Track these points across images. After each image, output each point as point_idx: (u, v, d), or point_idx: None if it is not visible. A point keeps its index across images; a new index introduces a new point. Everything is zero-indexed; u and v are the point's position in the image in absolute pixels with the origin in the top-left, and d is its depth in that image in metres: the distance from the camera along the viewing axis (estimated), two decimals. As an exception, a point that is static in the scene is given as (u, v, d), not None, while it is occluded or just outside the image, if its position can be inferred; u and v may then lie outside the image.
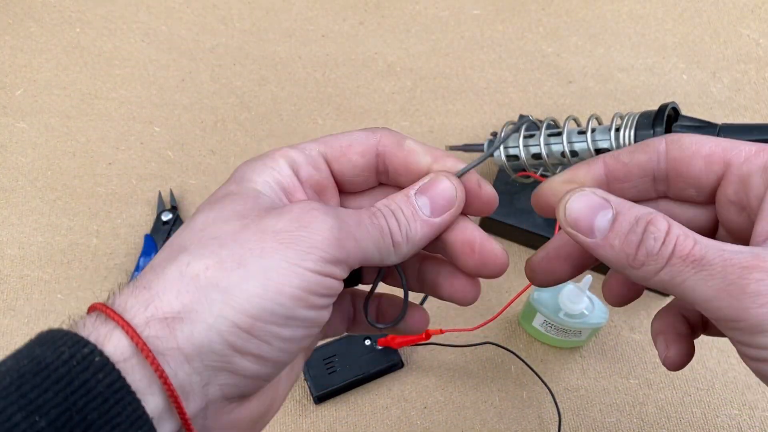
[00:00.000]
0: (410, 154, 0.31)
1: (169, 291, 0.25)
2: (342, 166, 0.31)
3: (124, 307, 0.25)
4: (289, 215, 0.27)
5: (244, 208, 0.28)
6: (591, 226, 0.28)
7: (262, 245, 0.26)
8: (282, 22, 0.73)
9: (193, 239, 0.27)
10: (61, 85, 0.68)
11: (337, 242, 0.27)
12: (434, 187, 0.30)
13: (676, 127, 0.48)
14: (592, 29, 0.73)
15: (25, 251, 0.59)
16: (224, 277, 0.25)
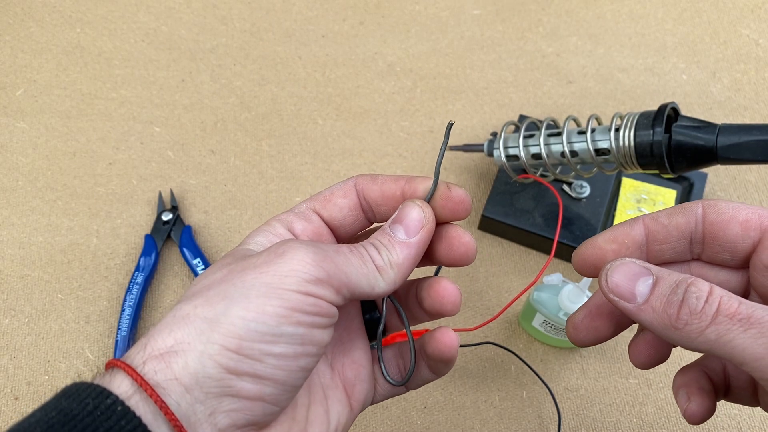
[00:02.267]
0: (383, 183, 0.33)
1: (162, 331, 0.27)
2: (330, 211, 0.34)
3: (131, 360, 0.27)
4: (267, 251, 0.29)
5: (231, 260, 0.30)
6: (632, 292, 0.30)
7: (243, 279, 0.28)
8: (282, 23, 0.73)
9: (190, 293, 0.29)
10: (61, 85, 0.68)
11: (315, 263, 0.28)
12: (405, 215, 0.32)
13: (675, 127, 0.48)
14: (592, 29, 0.73)
15: (26, 251, 0.59)
16: (210, 310, 0.27)
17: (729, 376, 0.35)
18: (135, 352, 0.27)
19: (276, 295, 0.27)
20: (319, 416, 0.32)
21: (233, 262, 0.29)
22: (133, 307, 0.55)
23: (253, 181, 0.63)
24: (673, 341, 0.29)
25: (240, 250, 0.31)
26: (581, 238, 0.57)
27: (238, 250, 0.31)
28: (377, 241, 0.31)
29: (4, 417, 0.52)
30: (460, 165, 0.64)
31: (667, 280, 0.29)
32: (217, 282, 0.28)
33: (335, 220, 0.34)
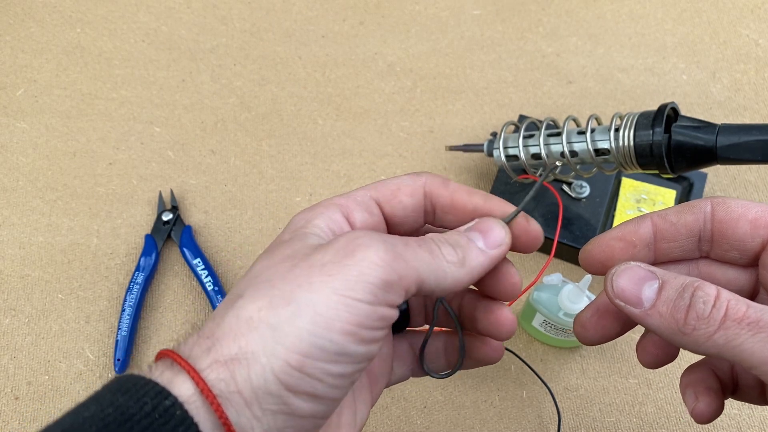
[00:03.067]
0: (455, 192, 0.32)
1: (227, 335, 0.26)
2: (393, 208, 0.32)
3: (189, 354, 0.26)
4: (334, 247, 0.27)
5: (293, 250, 0.28)
6: (638, 296, 0.29)
7: (309, 279, 0.26)
8: (282, 23, 0.73)
9: (248, 285, 0.27)
10: (61, 86, 0.68)
11: (387, 265, 0.26)
12: (487, 229, 0.31)
13: (675, 127, 0.48)
14: (592, 29, 0.73)
15: (26, 251, 0.59)
16: (274, 315, 0.25)
17: (737, 374, 0.35)
18: (198, 352, 0.26)
19: (345, 307, 0.26)
20: (349, 419, 0.32)
21: (295, 254, 0.28)
22: (133, 307, 0.55)
23: (254, 181, 0.63)
24: (680, 345, 0.28)
25: (299, 234, 0.29)
26: (581, 238, 0.57)
27: (297, 234, 0.29)
28: (453, 239, 0.30)
29: (4, 417, 0.52)
30: (460, 165, 0.65)
31: (673, 284, 0.29)
32: (280, 277, 0.27)
33: (395, 218, 0.32)
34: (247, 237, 0.60)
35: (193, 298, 0.57)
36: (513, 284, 0.32)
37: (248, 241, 0.60)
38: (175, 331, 0.56)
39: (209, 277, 0.56)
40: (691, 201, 0.32)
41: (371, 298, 0.26)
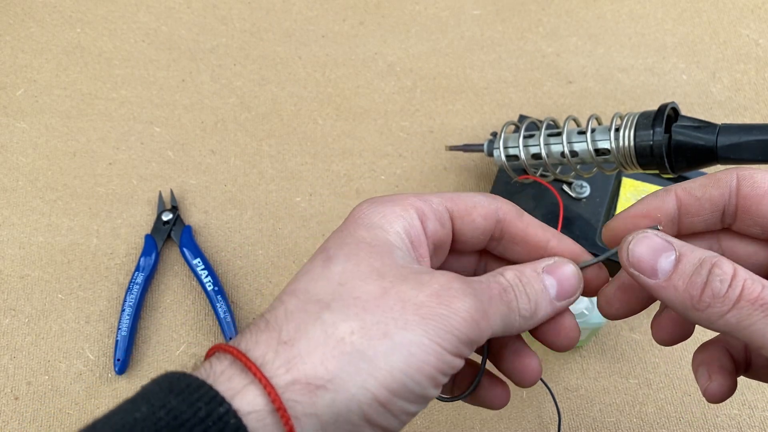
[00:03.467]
0: (530, 226, 0.32)
1: (314, 354, 0.25)
2: (465, 225, 0.31)
3: (262, 361, 0.25)
4: (429, 288, 0.27)
5: (382, 265, 0.27)
6: (654, 267, 0.29)
7: (405, 317, 0.26)
8: (282, 23, 0.73)
9: (334, 295, 0.26)
10: (61, 86, 0.68)
11: (474, 323, 0.27)
12: (561, 271, 0.31)
13: (675, 127, 0.48)
14: (592, 29, 0.73)
15: (26, 251, 0.59)
16: (370, 346, 0.25)
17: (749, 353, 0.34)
18: (273, 361, 0.25)
19: (434, 354, 0.26)
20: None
21: (384, 271, 0.27)
22: (133, 307, 0.55)
23: (254, 181, 0.63)
24: (692, 320, 0.28)
25: (380, 239, 0.28)
26: (581, 238, 0.57)
27: (378, 238, 0.28)
28: (531, 287, 0.30)
29: (4, 417, 0.52)
30: (460, 165, 0.65)
31: (690, 258, 0.28)
32: (372, 300, 0.26)
33: (463, 236, 0.32)
34: (247, 237, 0.60)
35: (193, 298, 0.57)
36: (572, 339, 0.32)
37: (248, 241, 0.60)
38: (175, 331, 0.56)
39: (209, 277, 0.56)
40: (716, 173, 0.31)
41: (455, 350, 0.26)
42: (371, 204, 0.30)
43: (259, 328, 0.26)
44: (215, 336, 0.56)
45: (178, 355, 0.55)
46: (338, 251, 0.28)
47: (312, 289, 0.27)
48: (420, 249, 0.30)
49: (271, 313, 0.27)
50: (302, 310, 0.26)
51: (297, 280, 0.28)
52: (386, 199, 0.30)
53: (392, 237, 0.29)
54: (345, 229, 0.30)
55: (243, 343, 0.26)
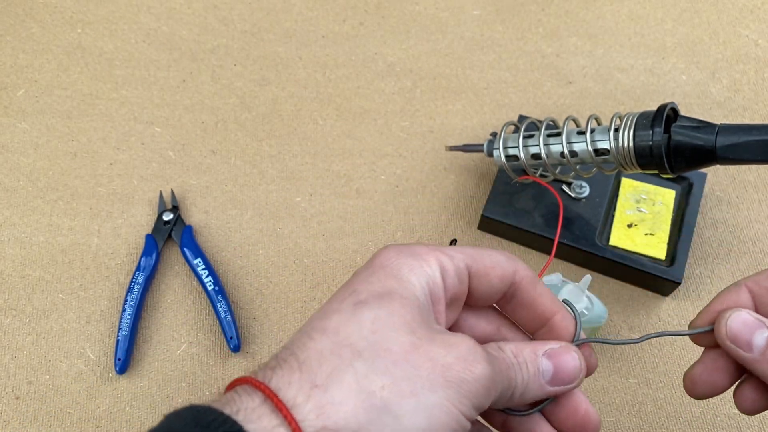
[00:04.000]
0: (541, 296, 0.33)
1: (345, 403, 0.25)
2: (481, 284, 0.32)
3: (293, 403, 0.25)
4: (456, 351, 0.28)
5: (411, 319, 0.28)
6: (749, 342, 0.32)
7: (432, 377, 0.27)
8: (282, 23, 0.73)
9: (367, 344, 0.27)
10: (62, 86, 0.68)
11: (486, 390, 0.28)
12: (561, 358, 0.31)
13: (675, 127, 0.48)
14: (591, 30, 0.73)
15: (27, 251, 0.59)
16: (398, 403, 0.26)
17: None
18: (306, 407, 0.25)
19: (453, 416, 0.27)
20: None
21: (414, 327, 0.28)
22: (134, 306, 0.55)
23: (254, 181, 0.63)
24: None
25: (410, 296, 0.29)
26: (581, 238, 0.57)
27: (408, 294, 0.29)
28: (525, 368, 0.31)
29: (5, 416, 0.52)
30: (460, 165, 0.65)
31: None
32: (402, 355, 0.27)
33: (477, 292, 0.33)
34: (248, 237, 0.60)
35: (193, 298, 0.58)
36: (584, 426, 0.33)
37: (249, 241, 0.60)
38: (176, 331, 0.56)
39: (210, 276, 0.56)
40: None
41: (469, 413, 0.27)
42: (398, 253, 0.31)
43: (291, 367, 0.26)
44: (216, 336, 0.56)
45: (178, 355, 0.55)
46: (369, 297, 0.29)
47: (343, 332, 0.27)
48: (438, 305, 0.31)
49: (302, 350, 0.27)
50: (335, 354, 0.27)
51: (326, 317, 0.28)
52: (412, 250, 0.31)
53: (418, 291, 0.30)
54: (373, 275, 0.30)
55: (274, 380, 0.26)
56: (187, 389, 0.54)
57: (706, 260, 0.60)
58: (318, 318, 0.29)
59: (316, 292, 0.58)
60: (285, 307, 0.57)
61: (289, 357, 0.27)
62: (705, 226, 0.61)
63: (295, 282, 0.58)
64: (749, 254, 0.60)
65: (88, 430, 0.52)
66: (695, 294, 0.58)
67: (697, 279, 0.59)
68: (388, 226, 0.61)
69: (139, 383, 0.54)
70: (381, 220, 0.62)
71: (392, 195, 0.63)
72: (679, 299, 0.58)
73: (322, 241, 0.60)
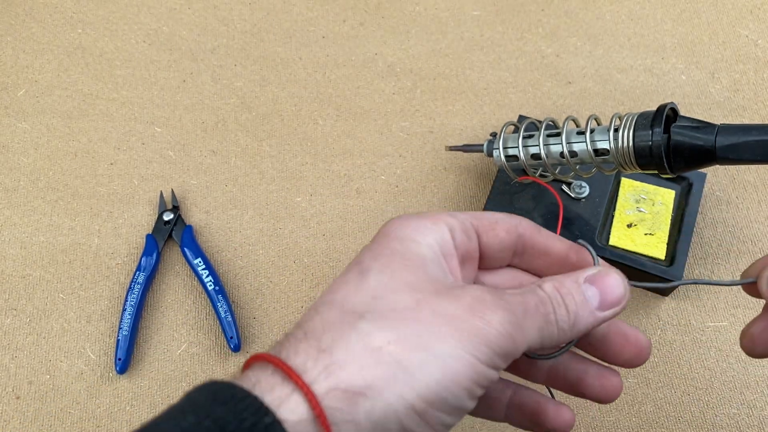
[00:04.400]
0: (549, 239, 0.33)
1: (352, 362, 0.25)
2: (490, 239, 0.32)
3: (303, 368, 0.25)
4: (462, 301, 0.27)
5: (415, 278, 0.28)
6: None
7: (439, 329, 0.26)
8: (282, 23, 0.73)
9: (369, 306, 0.27)
10: (62, 86, 0.68)
11: (509, 335, 0.27)
12: (604, 281, 0.30)
13: (674, 127, 0.48)
14: (591, 30, 0.73)
15: (27, 251, 0.59)
16: (407, 357, 0.25)
17: None
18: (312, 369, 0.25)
19: (470, 365, 0.26)
20: None
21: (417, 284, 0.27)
22: (134, 306, 0.55)
23: (254, 181, 0.63)
24: None
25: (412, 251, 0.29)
26: (581, 238, 0.57)
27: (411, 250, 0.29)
28: (571, 299, 0.29)
29: (5, 416, 0.52)
30: (460, 165, 0.65)
31: None
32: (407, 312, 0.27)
33: (489, 250, 0.32)
34: (248, 237, 0.60)
35: (194, 298, 0.58)
36: (637, 352, 0.32)
37: (249, 241, 0.60)
38: (176, 331, 0.56)
39: (210, 276, 0.56)
40: None
41: (490, 362, 0.27)
42: (402, 219, 0.31)
43: (297, 338, 0.27)
44: (216, 335, 0.56)
45: (179, 355, 0.55)
46: (372, 263, 0.29)
47: (348, 301, 0.27)
48: (451, 261, 0.30)
49: (308, 323, 0.27)
50: (339, 320, 0.27)
51: (333, 291, 0.29)
52: (416, 215, 0.31)
53: (424, 249, 0.29)
54: (378, 243, 0.30)
55: (283, 352, 0.26)
56: (187, 389, 0.54)
57: (706, 260, 0.60)
58: (326, 293, 0.29)
59: (316, 292, 0.58)
60: (285, 307, 0.57)
61: (297, 331, 0.27)
62: (705, 226, 0.61)
63: (295, 282, 0.59)
64: (749, 254, 0.60)
65: (88, 429, 0.52)
66: (695, 294, 0.58)
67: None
68: (388, 226, 0.61)
69: (140, 383, 0.54)
70: (381, 220, 0.62)
71: (392, 195, 0.63)
72: (679, 299, 0.58)
73: (322, 241, 0.60)
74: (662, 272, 0.56)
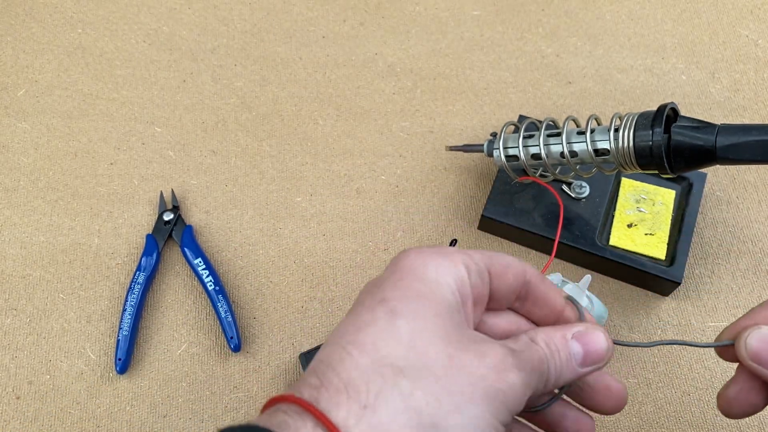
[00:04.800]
0: (550, 291, 0.33)
1: (395, 422, 0.26)
2: (500, 283, 0.32)
3: (344, 424, 0.25)
4: (490, 361, 0.28)
5: (443, 329, 0.28)
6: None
7: (470, 391, 0.27)
8: (282, 23, 0.73)
9: (407, 360, 0.27)
10: (62, 86, 0.68)
11: (523, 395, 0.28)
12: (590, 339, 0.31)
13: (674, 127, 0.48)
14: (591, 30, 0.73)
15: (27, 251, 0.59)
16: (444, 419, 0.26)
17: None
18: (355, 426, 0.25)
19: (492, 426, 0.27)
20: None
21: (448, 335, 0.28)
22: (134, 306, 0.55)
23: (254, 181, 0.63)
24: None
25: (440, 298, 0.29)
26: (581, 238, 0.57)
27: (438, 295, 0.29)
28: (558, 356, 0.31)
29: (5, 416, 0.52)
30: (460, 165, 0.65)
31: None
32: (441, 369, 0.27)
33: (497, 293, 0.33)
34: (248, 237, 0.60)
35: (194, 298, 0.58)
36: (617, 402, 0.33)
37: (249, 241, 0.60)
38: (177, 331, 0.56)
39: (210, 276, 0.56)
40: None
41: (506, 421, 0.28)
42: (420, 254, 0.31)
43: (337, 388, 0.27)
44: (216, 335, 0.56)
45: (179, 355, 0.55)
46: (401, 305, 0.29)
47: (382, 348, 0.27)
48: (467, 305, 0.31)
49: (342, 368, 0.27)
50: (377, 372, 0.27)
51: (361, 330, 0.28)
52: (437, 250, 0.31)
53: (447, 293, 0.30)
54: (402, 280, 0.30)
55: (322, 402, 0.26)
56: (187, 389, 0.54)
57: (706, 260, 0.60)
58: (352, 331, 0.28)
59: (316, 292, 0.58)
60: (285, 307, 0.57)
61: (332, 375, 0.27)
62: (705, 226, 0.61)
63: (295, 282, 0.59)
64: (749, 254, 0.60)
65: (88, 429, 0.52)
66: (695, 294, 0.58)
67: (697, 279, 0.59)
68: (388, 226, 0.61)
69: (140, 383, 0.54)
70: (381, 220, 0.62)
71: (392, 195, 0.63)
72: (679, 299, 0.58)
73: (322, 241, 0.60)
74: (662, 272, 0.56)
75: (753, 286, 0.59)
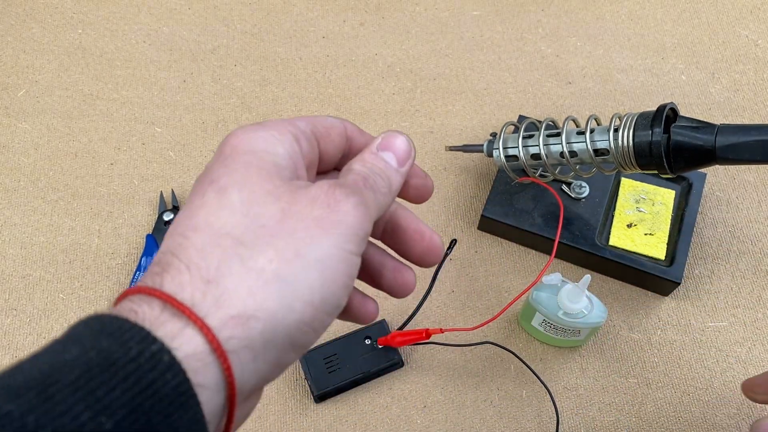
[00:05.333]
0: (369, 138, 0.34)
1: (240, 288, 0.25)
2: (327, 145, 0.33)
3: (192, 302, 0.25)
4: (320, 200, 0.28)
5: (273, 186, 0.28)
6: None
7: (309, 233, 0.27)
8: (283, 24, 0.73)
9: (243, 228, 0.27)
10: (63, 86, 0.68)
11: (364, 216, 0.28)
12: (392, 144, 0.32)
13: (674, 127, 0.48)
14: (591, 30, 0.73)
15: (27, 251, 0.59)
16: (287, 269, 0.26)
17: None
18: (202, 301, 0.25)
19: (344, 261, 0.27)
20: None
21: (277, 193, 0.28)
22: (134, 306, 0.55)
23: (254, 181, 0.63)
24: None
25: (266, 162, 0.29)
26: (581, 238, 0.57)
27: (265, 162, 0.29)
28: (377, 167, 0.31)
29: (6, 416, 0.52)
30: (459, 165, 0.65)
31: None
32: (276, 225, 0.27)
33: (326, 154, 0.33)
34: (248, 237, 0.60)
35: (194, 298, 0.58)
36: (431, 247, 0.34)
37: (249, 241, 0.60)
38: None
39: (210, 276, 0.56)
40: None
41: (357, 249, 0.27)
42: (247, 131, 0.31)
43: (177, 270, 0.26)
44: (216, 335, 0.56)
45: (179, 355, 0.55)
46: (230, 180, 0.28)
47: (215, 223, 0.27)
48: (300, 171, 0.31)
49: (181, 251, 0.27)
50: (215, 246, 0.27)
51: (194, 214, 0.28)
52: (259, 126, 0.31)
53: (275, 159, 0.30)
54: (228, 157, 0.30)
55: (166, 285, 0.26)
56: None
57: (706, 260, 0.60)
58: (186, 217, 0.28)
59: (317, 292, 0.58)
60: (285, 307, 0.57)
61: (173, 260, 0.27)
62: (705, 226, 0.61)
63: (295, 282, 0.59)
64: (749, 254, 0.60)
65: (88, 429, 0.52)
66: (695, 294, 0.58)
67: (696, 279, 0.59)
68: (388, 226, 0.61)
69: (140, 383, 0.54)
70: (381, 220, 0.62)
71: (392, 195, 0.63)
72: (679, 299, 0.58)
73: (322, 241, 0.60)
74: (662, 272, 0.56)
75: (753, 286, 0.59)
